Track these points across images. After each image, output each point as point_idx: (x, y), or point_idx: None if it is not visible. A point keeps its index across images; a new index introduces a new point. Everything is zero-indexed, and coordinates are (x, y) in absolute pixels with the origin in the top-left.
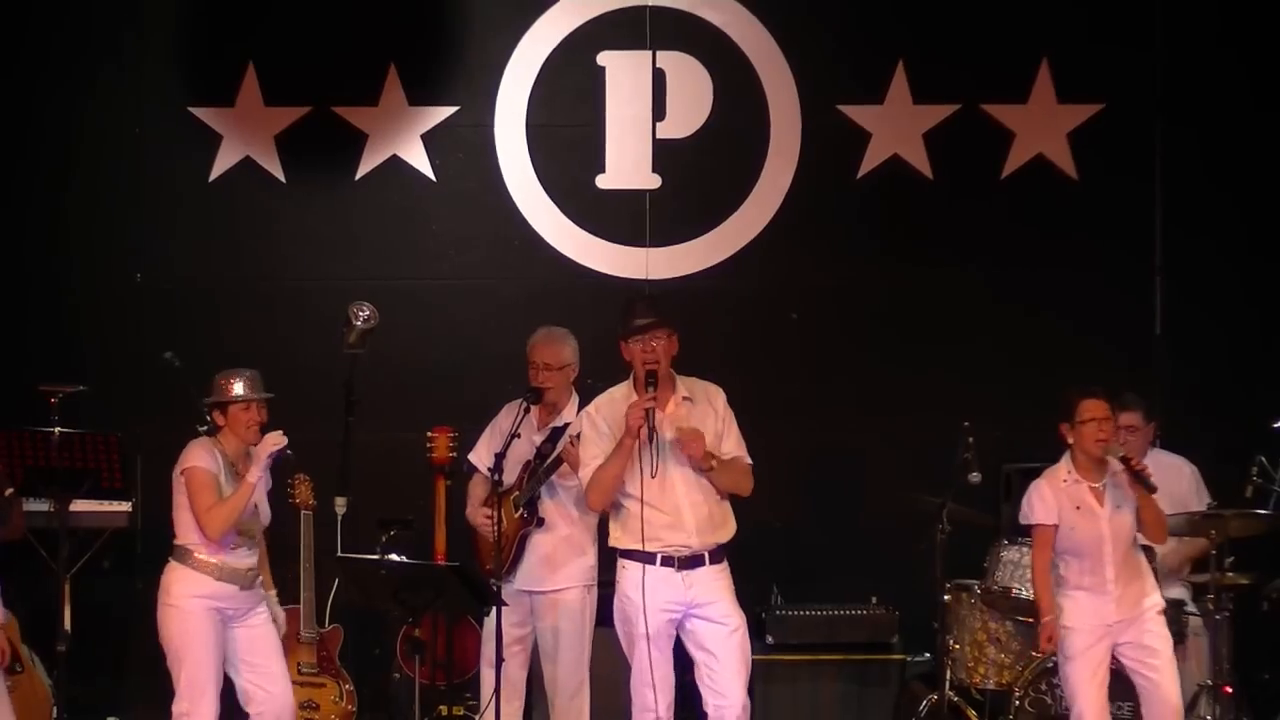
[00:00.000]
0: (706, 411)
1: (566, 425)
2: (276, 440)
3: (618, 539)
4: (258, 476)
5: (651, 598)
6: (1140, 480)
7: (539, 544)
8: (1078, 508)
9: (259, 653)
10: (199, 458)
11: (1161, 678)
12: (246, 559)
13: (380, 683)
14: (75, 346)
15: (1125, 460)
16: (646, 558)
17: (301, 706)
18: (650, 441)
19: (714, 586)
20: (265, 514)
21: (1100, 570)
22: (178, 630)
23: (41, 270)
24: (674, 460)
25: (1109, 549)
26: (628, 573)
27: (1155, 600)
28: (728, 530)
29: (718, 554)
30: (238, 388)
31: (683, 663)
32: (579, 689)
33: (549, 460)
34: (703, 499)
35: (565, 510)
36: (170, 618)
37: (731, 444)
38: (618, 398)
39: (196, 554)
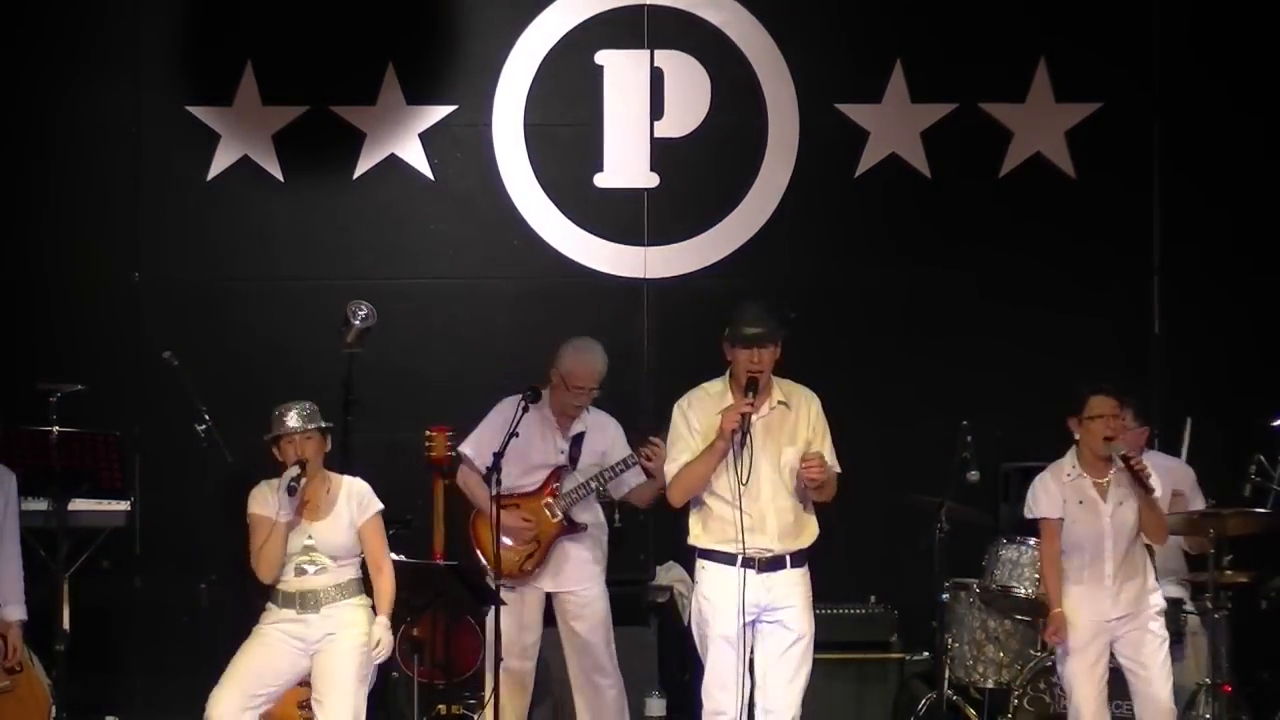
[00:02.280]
0: (799, 416)
1: (585, 431)
2: (286, 476)
3: (698, 537)
4: (287, 518)
5: (730, 599)
6: (1139, 480)
7: (571, 549)
8: (1080, 502)
9: (322, 682)
10: (255, 501)
11: (1154, 677)
12: (303, 582)
13: (378, 682)
14: (73, 346)
15: (1125, 459)
16: (728, 559)
17: (300, 706)
18: (743, 446)
19: (791, 591)
20: (331, 543)
21: (1100, 565)
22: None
23: (40, 269)
24: (765, 464)
25: (1109, 544)
26: (707, 573)
27: (1156, 600)
28: (810, 535)
29: (799, 558)
30: (282, 422)
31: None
32: (617, 682)
33: (607, 470)
34: (789, 505)
35: (592, 512)
36: None
37: (825, 452)
38: (712, 394)
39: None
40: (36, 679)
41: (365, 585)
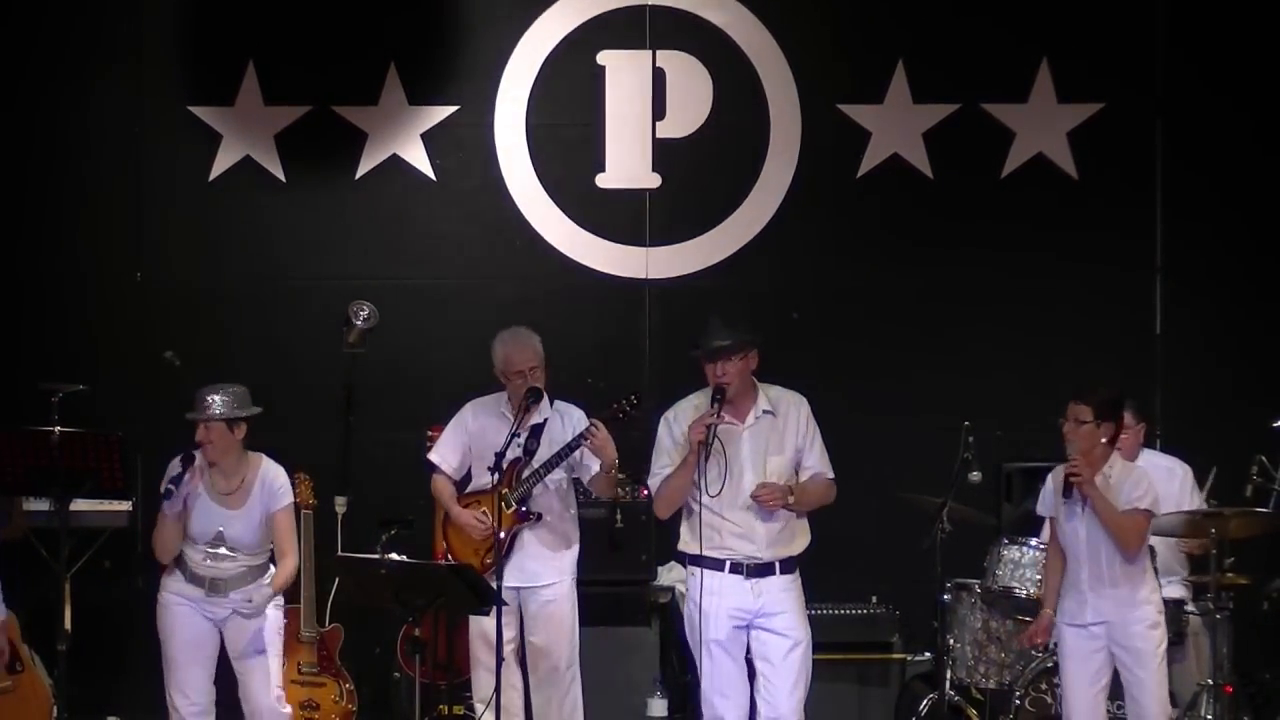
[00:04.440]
0: (788, 424)
1: (546, 421)
2: (168, 474)
3: (686, 544)
4: (170, 512)
5: (719, 604)
6: (1065, 491)
7: (530, 541)
8: (1065, 503)
9: (240, 653)
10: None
11: (1141, 688)
12: (213, 568)
13: (380, 682)
14: (76, 346)
15: (1070, 466)
16: (715, 565)
17: (301, 706)
18: (706, 457)
19: (782, 597)
20: (241, 537)
21: (1078, 570)
22: (159, 624)
23: (42, 270)
24: (750, 474)
25: (1084, 550)
26: (697, 580)
27: (1147, 613)
28: (801, 543)
29: (789, 565)
30: (196, 403)
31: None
32: (573, 683)
33: (554, 455)
34: (778, 513)
35: (555, 507)
36: (156, 612)
37: (814, 459)
38: (696, 406)
39: (181, 552)
40: (38, 679)
41: None
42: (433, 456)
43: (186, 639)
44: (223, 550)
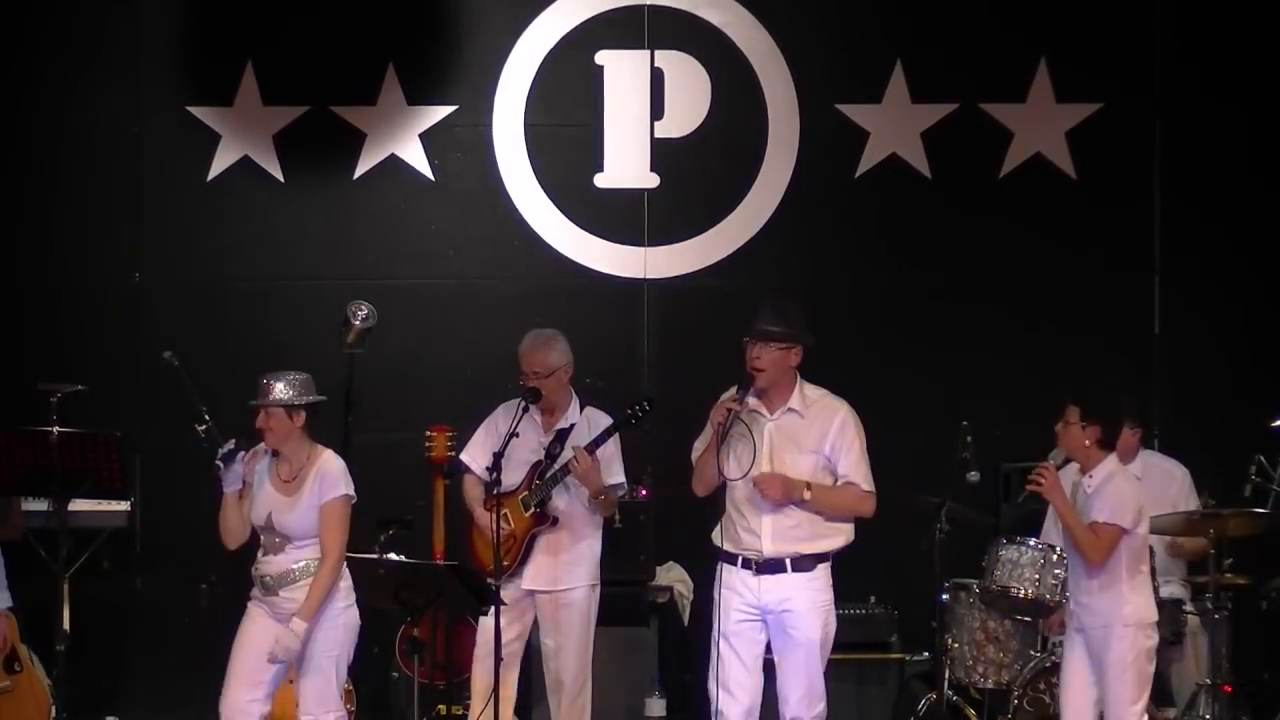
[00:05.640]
0: (814, 426)
1: (572, 426)
2: (222, 449)
3: (715, 536)
4: (229, 489)
5: (730, 598)
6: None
7: (549, 544)
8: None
9: (296, 664)
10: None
11: (1105, 705)
12: (265, 565)
13: (379, 682)
14: (74, 346)
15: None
16: (730, 559)
17: (298, 705)
18: (723, 439)
19: (798, 595)
20: (289, 522)
21: (1071, 571)
22: None
23: (40, 270)
24: (764, 465)
25: (1067, 550)
26: (719, 571)
27: (1121, 624)
28: (827, 542)
29: (804, 563)
30: (259, 389)
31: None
32: (582, 689)
33: (562, 464)
34: (794, 510)
35: (576, 510)
36: None
37: (847, 466)
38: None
39: None
40: (36, 679)
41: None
42: (463, 457)
43: (240, 644)
44: (276, 539)
